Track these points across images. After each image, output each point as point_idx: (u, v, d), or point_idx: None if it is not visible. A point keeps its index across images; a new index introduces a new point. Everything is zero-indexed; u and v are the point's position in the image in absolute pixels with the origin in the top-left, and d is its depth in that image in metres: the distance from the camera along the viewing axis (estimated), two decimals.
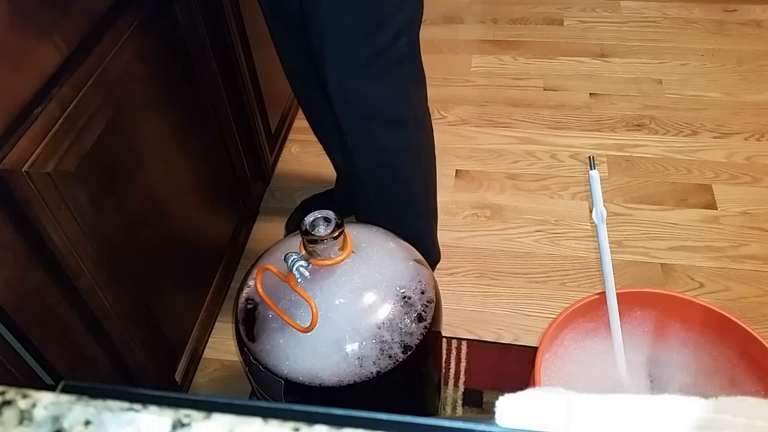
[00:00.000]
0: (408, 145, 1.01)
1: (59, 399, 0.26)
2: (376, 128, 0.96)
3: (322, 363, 0.69)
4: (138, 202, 0.88)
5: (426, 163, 1.07)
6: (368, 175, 1.03)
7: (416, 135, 1.01)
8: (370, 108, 0.93)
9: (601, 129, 1.57)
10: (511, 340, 1.14)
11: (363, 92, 0.91)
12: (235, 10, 1.14)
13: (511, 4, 2.04)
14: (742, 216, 1.33)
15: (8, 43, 0.63)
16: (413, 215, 1.10)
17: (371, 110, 0.94)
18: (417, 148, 1.03)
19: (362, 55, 0.87)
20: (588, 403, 0.41)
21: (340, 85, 0.90)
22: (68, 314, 0.76)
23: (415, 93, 0.97)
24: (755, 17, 1.90)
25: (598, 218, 0.64)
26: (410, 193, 1.07)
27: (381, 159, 1.01)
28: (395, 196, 1.06)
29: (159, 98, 0.92)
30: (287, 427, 0.24)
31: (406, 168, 1.03)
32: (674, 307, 0.75)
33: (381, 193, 1.06)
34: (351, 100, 0.92)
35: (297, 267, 0.70)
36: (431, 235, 1.18)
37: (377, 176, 1.04)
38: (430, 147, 1.05)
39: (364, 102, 0.92)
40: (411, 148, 1.02)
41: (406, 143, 1.00)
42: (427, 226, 1.15)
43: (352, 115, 0.94)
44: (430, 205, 1.13)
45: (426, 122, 1.02)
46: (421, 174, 1.07)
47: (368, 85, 0.90)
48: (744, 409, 0.40)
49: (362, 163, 1.02)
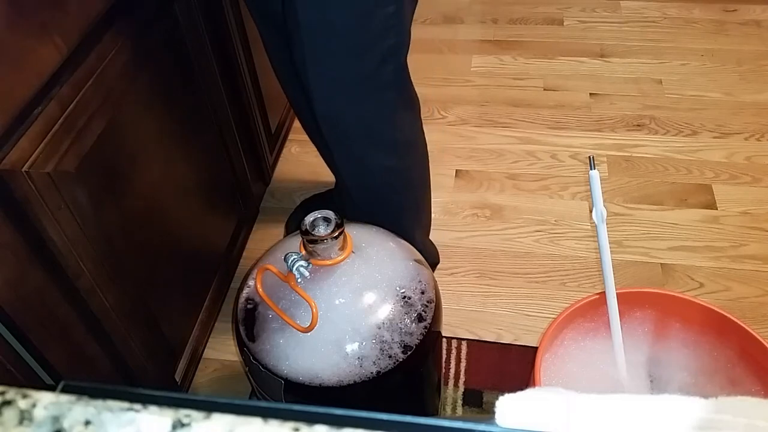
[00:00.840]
0: (397, 166, 1.00)
1: (59, 399, 0.26)
2: (363, 150, 0.95)
3: (322, 363, 0.69)
4: (138, 202, 0.88)
5: (417, 184, 1.05)
6: (357, 195, 1.03)
7: (407, 157, 1.00)
8: (357, 131, 0.92)
9: (601, 129, 1.57)
10: (511, 340, 1.14)
11: (349, 117, 0.90)
12: (235, 10, 1.14)
13: (511, 4, 2.04)
14: (742, 216, 1.33)
15: (8, 43, 0.63)
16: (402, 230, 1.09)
17: (358, 133, 0.93)
18: (407, 169, 1.02)
19: (346, 81, 0.86)
20: (588, 403, 0.41)
21: (326, 111, 0.89)
22: (68, 314, 0.76)
23: (405, 116, 0.96)
24: (755, 17, 1.90)
25: (598, 218, 0.64)
26: (400, 213, 1.06)
27: (369, 179, 1.00)
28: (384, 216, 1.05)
29: (159, 98, 0.92)
30: (287, 427, 0.24)
31: (396, 188, 1.02)
32: (674, 307, 0.76)
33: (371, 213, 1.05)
34: (337, 124, 0.91)
35: (297, 267, 0.70)
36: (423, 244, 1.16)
37: (365, 198, 1.03)
38: (422, 168, 1.04)
39: (351, 125, 0.91)
40: (401, 170, 1.01)
41: (395, 164, 0.99)
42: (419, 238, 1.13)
43: (338, 137, 0.93)
44: (422, 220, 1.12)
45: (418, 144, 1.01)
46: (411, 195, 1.06)
47: (354, 109, 0.89)
48: (744, 409, 0.40)
49: (351, 183, 1.01)
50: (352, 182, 1.01)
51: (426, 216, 1.13)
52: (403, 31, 0.85)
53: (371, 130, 0.93)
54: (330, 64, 0.84)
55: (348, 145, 0.94)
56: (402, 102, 0.94)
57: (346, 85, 0.86)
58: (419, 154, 1.03)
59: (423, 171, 1.05)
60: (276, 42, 1.02)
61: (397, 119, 0.95)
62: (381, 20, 0.81)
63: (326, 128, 0.92)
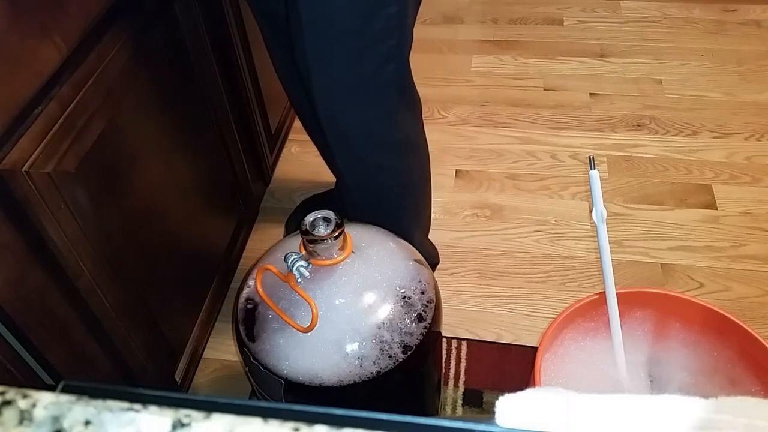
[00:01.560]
0: (398, 167, 1.00)
1: (59, 399, 0.26)
2: (364, 149, 0.95)
3: (322, 363, 0.69)
4: (138, 202, 0.88)
5: (418, 185, 1.05)
6: (357, 195, 1.03)
7: (407, 157, 1.00)
8: (358, 130, 0.92)
9: (601, 129, 1.57)
10: (511, 340, 1.14)
11: (351, 117, 0.90)
12: (235, 10, 1.14)
13: (511, 4, 2.04)
14: (742, 216, 1.33)
15: (8, 43, 0.63)
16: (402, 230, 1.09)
17: (359, 132, 0.93)
18: (408, 170, 1.02)
19: (349, 81, 0.86)
20: (588, 403, 0.41)
21: (329, 111, 0.89)
22: (68, 314, 0.76)
23: (407, 116, 0.96)
24: (755, 17, 1.90)
25: (598, 218, 0.64)
26: (399, 213, 1.06)
27: (370, 179, 1.00)
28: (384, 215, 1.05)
29: (159, 98, 0.92)
30: (287, 427, 0.24)
31: (396, 189, 1.03)
32: (674, 307, 0.76)
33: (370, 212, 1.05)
34: (339, 124, 0.91)
35: (297, 267, 0.70)
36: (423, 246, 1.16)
37: (365, 197, 1.03)
38: (423, 169, 1.04)
39: (353, 125, 0.92)
40: (401, 171, 1.01)
41: (395, 165, 0.99)
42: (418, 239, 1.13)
43: (340, 136, 0.93)
44: (421, 221, 1.12)
45: (419, 145, 1.01)
46: (411, 195, 1.06)
47: (356, 110, 0.90)
48: (744, 409, 0.40)
49: (351, 182, 1.01)
50: (353, 182, 1.02)
51: (425, 217, 1.13)
52: (406, 32, 0.86)
53: (372, 130, 0.93)
54: (332, 64, 0.84)
55: (349, 144, 0.94)
56: (404, 102, 0.94)
57: (348, 85, 0.87)
58: (420, 154, 1.03)
59: (423, 172, 1.05)
60: (278, 42, 1.02)
61: (399, 119, 0.95)
62: (383, 20, 0.81)
63: (328, 127, 0.92)
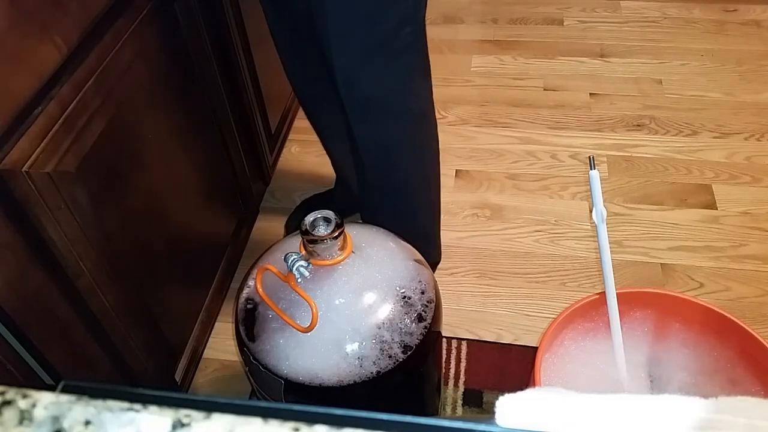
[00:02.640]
0: (411, 138, 1.01)
1: (59, 399, 0.26)
2: (380, 117, 0.96)
3: (322, 363, 0.69)
4: (138, 202, 0.88)
5: (428, 159, 1.07)
6: (370, 167, 1.04)
7: (420, 128, 1.01)
8: (375, 96, 0.94)
9: (601, 129, 1.57)
10: (511, 340, 1.14)
11: (368, 80, 0.91)
12: (235, 10, 1.14)
13: (511, 4, 2.04)
14: (742, 216, 1.33)
15: (8, 43, 0.63)
16: (413, 211, 1.10)
17: (377, 99, 0.94)
18: (420, 142, 1.03)
19: (366, 43, 0.87)
20: (588, 403, 0.41)
21: (346, 74, 0.90)
22: (68, 314, 0.76)
23: (421, 83, 0.97)
24: (755, 17, 1.90)
25: (598, 218, 0.64)
26: (410, 188, 1.07)
27: (383, 149, 1.01)
28: (395, 190, 1.06)
29: (159, 98, 0.92)
30: (287, 427, 0.24)
31: (407, 161, 1.04)
32: (674, 307, 0.75)
33: (382, 188, 1.06)
34: (357, 89, 0.92)
35: (297, 267, 0.70)
36: (433, 235, 1.18)
37: (378, 168, 1.04)
38: (433, 143, 1.06)
39: (370, 90, 0.93)
40: (414, 142, 1.02)
41: (409, 135, 1.00)
42: (429, 224, 1.15)
43: (358, 103, 0.94)
44: (432, 202, 1.13)
45: (430, 117, 1.02)
46: (422, 169, 1.07)
47: (374, 73, 0.91)
48: (744, 409, 0.40)
49: (366, 154, 1.02)
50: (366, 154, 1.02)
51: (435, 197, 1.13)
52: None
53: (390, 95, 0.94)
54: (351, 24, 0.85)
55: (366, 110, 0.95)
56: (419, 69, 0.95)
57: (366, 47, 0.88)
58: (430, 127, 1.04)
59: (433, 148, 1.06)
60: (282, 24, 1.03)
61: (415, 87, 0.96)
62: None
63: (345, 93, 0.92)
